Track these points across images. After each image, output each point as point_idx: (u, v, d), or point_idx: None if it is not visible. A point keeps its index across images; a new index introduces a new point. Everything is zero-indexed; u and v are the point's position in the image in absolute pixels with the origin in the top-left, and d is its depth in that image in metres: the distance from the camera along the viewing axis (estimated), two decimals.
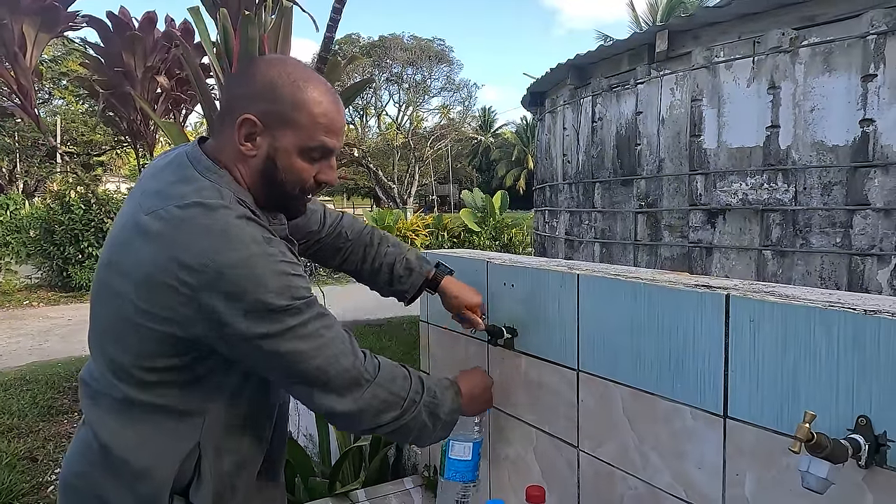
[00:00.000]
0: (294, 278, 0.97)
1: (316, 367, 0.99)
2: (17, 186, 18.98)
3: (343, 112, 1.09)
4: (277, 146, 1.01)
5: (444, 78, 30.83)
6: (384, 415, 1.07)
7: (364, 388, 1.04)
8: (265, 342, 0.95)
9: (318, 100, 1.01)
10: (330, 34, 2.57)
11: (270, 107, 0.99)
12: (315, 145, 1.02)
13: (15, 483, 3.23)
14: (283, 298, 0.94)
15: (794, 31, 3.13)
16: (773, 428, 0.99)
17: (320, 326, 1.00)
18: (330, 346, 1.01)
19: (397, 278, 1.44)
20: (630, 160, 4.18)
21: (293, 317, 0.96)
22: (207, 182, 0.98)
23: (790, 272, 3.11)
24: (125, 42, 3.97)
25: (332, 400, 1.02)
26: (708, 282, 1.17)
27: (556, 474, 1.44)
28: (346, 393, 1.02)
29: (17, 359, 6.22)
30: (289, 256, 1.00)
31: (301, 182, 1.04)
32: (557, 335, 1.41)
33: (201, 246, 0.91)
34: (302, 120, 1.00)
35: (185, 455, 1.00)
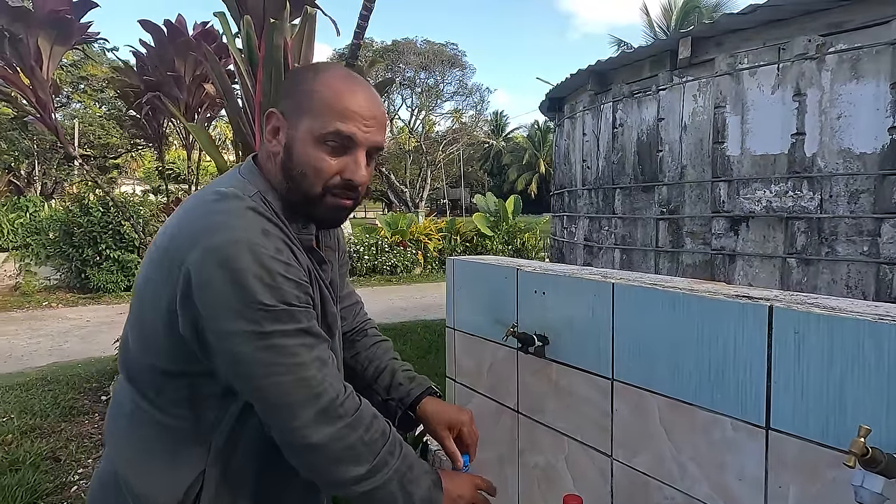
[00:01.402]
0: (284, 281, 0.88)
1: (284, 384, 0.87)
2: (36, 188, 19.26)
3: (369, 100, 0.97)
4: (293, 135, 0.95)
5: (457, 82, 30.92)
6: (350, 467, 0.90)
7: (334, 426, 0.88)
8: (234, 341, 0.86)
9: (331, 83, 0.95)
10: (357, 41, 2.59)
11: (290, 98, 0.97)
12: (329, 131, 0.93)
13: (39, 483, 3.27)
14: (264, 296, 0.86)
15: (821, 38, 3.10)
16: (818, 441, 0.98)
17: (300, 343, 0.89)
18: (306, 367, 0.89)
19: (396, 386, 1.27)
20: (651, 166, 4.16)
21: (271, 322, 0.86)
22: (240, 179, 0.98)
23: (815, 280, 3.08)
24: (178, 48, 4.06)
25: (293, 429, 0.88)
26: (749, 292, 1.16)
27: (588, 483, 1.44)
28: (312, 424, 0.87)
29: (38, 359, 6.30)
30: (286, 257, 0.91)
31: (320, 176, 0.94)
32: (591, 344, 1.41)
33: (197, 226, 0.90)
34: (315, 105, 0.94)
35: (188, 484, 0.94)
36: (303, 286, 0.92)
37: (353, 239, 13.91)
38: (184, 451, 0.95)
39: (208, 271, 0.86)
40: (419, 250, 14.37)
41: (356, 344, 1.33)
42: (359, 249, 13.29)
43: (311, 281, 0.98)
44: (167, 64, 4.16)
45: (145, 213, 10.37)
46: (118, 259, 10.46)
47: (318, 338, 0.93)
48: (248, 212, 0.90)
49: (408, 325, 7.65)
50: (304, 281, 0.93)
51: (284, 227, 0.95)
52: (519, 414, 1.66)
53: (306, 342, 0.90)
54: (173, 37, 4.12)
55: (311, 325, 0.92)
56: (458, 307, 1.91)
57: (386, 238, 14.08)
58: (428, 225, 15.52)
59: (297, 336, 0.89)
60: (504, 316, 1.66)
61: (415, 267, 14.11)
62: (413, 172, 29.31)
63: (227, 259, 0.85)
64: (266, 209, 0.93)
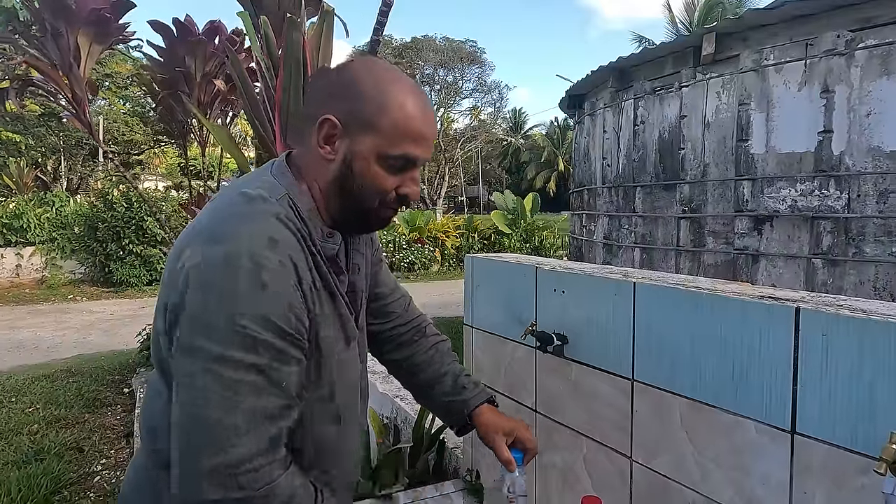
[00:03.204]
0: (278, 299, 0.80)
1: (197, 418, 0.76)
2: (62, 184, 19.65)
3: (433, 120, 0.95)
4: (356, 150, 0.90)
5: (476, 79, 30.87)
6: None
7: (227, 493, 0.75)
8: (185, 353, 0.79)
9: (404, 103, 0.90)
10: (377, 37, 2.59)
11: (352, 106, 0.90)
12: (397, 154, 0.89)
13: (63, 472, 3.34)
14: (241, 312, 0.77)
15: (850, 33, 3.03)
16: (845, 446, 0.96)
17: (247, 379, 0.77)
18: (235, 412, 0.76)
19: (459, 389, 1.23)
20: (673, 164, 4.10)
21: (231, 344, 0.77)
22: (270, 180, 0.93)
23: (841, 282, 3.02)
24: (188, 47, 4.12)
25: (187, 475, 0.77)
26: (775, 293, 1.14)
27: (606, 484, 1.42)
28: (205, 479, 0.75)
29: (63, 351, 6.44)
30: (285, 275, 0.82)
31: (379, 193, 0.91)
32: (611, 344, 1.39)
33: (209, 227, 0.86)
34: (385, 124, 0.89)
35: None
36: (296, 309, 0.83)
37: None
38: None
39: (201, 276, 0.80)
40: (437, 248, 14.39)
41: (414, 344, 1.28)
42: None
43: (318, 296, 0.90)
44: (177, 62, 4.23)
45: (167, 208, 10.53)
46: (141, 254, 10.64)
47: (274, 385, 0.80)
48: (265, 217, 0.85)
49: None
50: (299, 306, 0.84)
51: (305, 234, 0.89)
52: (537, 413, 1.65)
53: (256, 382, 0.78)
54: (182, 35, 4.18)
55: (273, 364, 0.79)
56: (477, 305, 1.90)
57: (404, 235, 14.12)
58: (446, 222, 15.53)
59: (248, 372, 0.77)
60: (522, 314, 1.65)
61: (432, 264, 14.14)
62: (431, 170, 29.33)
63: (221, 265, 0.79)
64: (291, 213, 0.88)
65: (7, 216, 11.07)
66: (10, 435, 3.94)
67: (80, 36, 3.99)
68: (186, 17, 4.29)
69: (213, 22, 4.40)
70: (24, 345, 6.80)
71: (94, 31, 4.04)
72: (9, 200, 12.58)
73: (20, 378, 5.29)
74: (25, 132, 16.24)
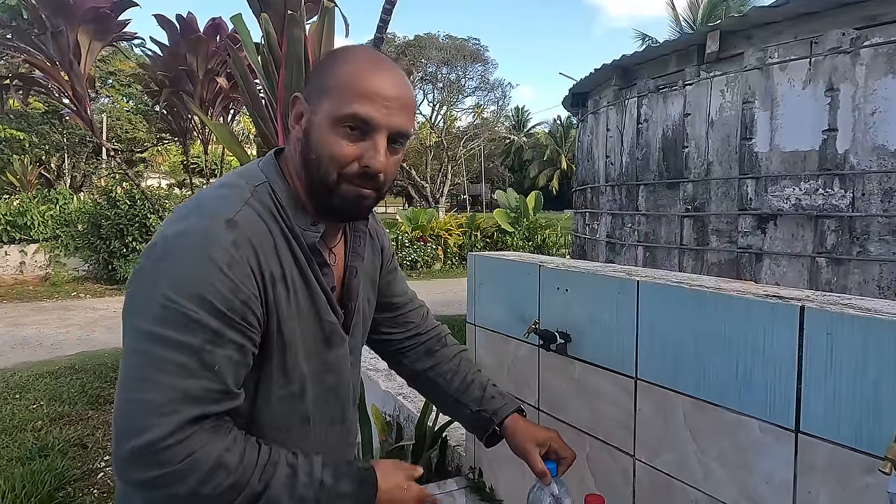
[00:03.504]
0: (222, 277, 0.77)
1: (123, 399, 0.75)
2: (65, 181, 19.70)
3: (394, 81, 0.87)
4: (313, 119, 0.87)
5: (479, 77, 30.81)
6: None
7: (150, 473, 0.74)
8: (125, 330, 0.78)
9: (353, 64, 0.86)
10: (380, 35, 2.59)
11: (314, 79, 0.90)
12: (347, 113, 0.83)
13: (67, 468, 3.35)
14: (178, 288, 0.75)
15: (856, 31, 3.02)
16: (850, 445, 0.95)
17: (175, 360, 0.75)
18: (154, 388, 0.74)
19: (489, 398, 1.21)
20: (676, 163, 4.09)
21: (161, 322, 0.75)
22: (254, 169, 0.92)
23: (845, 281, 3.01)
24: (190, 44, 4.12)
25: (114, 458, 0.76)
26: (779, 292, 1.13)
27: (609, 483, 1.42)
28: (127, 460, 0.74)
29: (67, 348, 6.46)
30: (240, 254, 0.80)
31: (335, 162, 0.85)
32: (614, 342, 1.39)
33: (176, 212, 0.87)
34: (334, 86, 0.85)
35: None
36: (242, 292, 0.79)
37: None
38: None
39: (151, 254, 0.80)
40: (439, 246, 14.39)
41: (436, 354, 1.25)
42: None
43: (287, 288, 0.87)
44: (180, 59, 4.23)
45: (170, 206, 10.55)
46: None
47: (206, 368, 0.76)
48: (231, 201, 0.84)
49: None
50: (248, 289, 0.80)
51: (282, 221, 0.87)
52: (539, 411, 1.65)
53: (184, 363, 0.75)
54: (185, 32, 4.19)
55: (205, 346, 0.76)
56: (479, 303, 1.90)
57: (406, 233, 14.13)
58: (448, 220, 15.53)
59: (176, 351, 0.75)
60: (526, 312, 1.65)
61: (435, 262, 14.14)
62: (434, 168, 29.32)
63: (173, 240, 0.79)
64: (268, 200, 0.87)
65: (11, 213, 11.10)
66: (15, 431, 3.96)
67: (80, 33, 4.00)
68: (189, 14, 4.29)
69: (214, 19, 4.41)
70: (28, 342, 6.82)
71: (94, 28, 4.04)
72: (13, 198, 12.62)
73: (24, 375, 5.31)
74: (29, 129, 16.29)
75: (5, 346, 6.61)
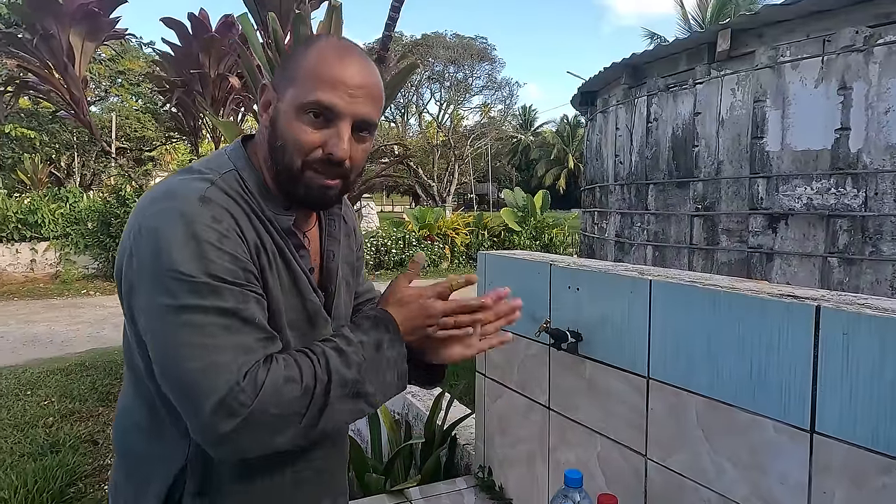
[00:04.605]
0: (213, 250, 0.80)
1: (189, 371, 0.79)
2: (75, 180, 19.84)
3: (359, 69, 0.89)
4: (280, 107, 0.89)
5: (486, 76, 30.79)
6: (278, 437, 0.82)
7: (238, 418, 0.78)
8: (151, 314, 0.81)
9: (318, 53, 0.88)
10: (388, 33, 2.59)
11: (282, 69, 0.93)
12: (310, 100, 0.85)
13: (78, 464, 3.38)
14: (184, 265, 0.79)
15: (869, 29, 2.99)
16: (866, 446, 0.95)
17: (219, 323, 0.80)
18: (216, 352, 0.79)
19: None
20: (686, 162, 4.07)
21: (188, 294, 0.79)
22: (221, 157, 0.94)
23: (857, 281, 2.98)
24: (202, 44, 4.11)
25: (200, 423, 0.79)
26: (794, 292, 1.13)
27: (621, 482, 1.42)
28: (215, 416, 0.78)
29: (77, 345, 6.51)
30: (225, 228, 0.83)
31: (299, 149, 0.86)
32: (626, 341, 1.39)
33: (145, 198, 0.88)
34: (299, 75, 0.87)
35: (171, 479, 0.90)
36: (240, 261, 0.83)
37: (381, 233, 13.99)
38: (165, 441, 0.90)
39: (137, 241, 0.82)
40: (446, 245, 14.39)
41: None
42: (386, 243, 13.36)
43: (271, 262, 0.90)
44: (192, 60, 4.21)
45: None
46: None
47: (248, 323, 0.82)
48: (198, 184, 0.85)
49: None
50: (243, 256, 0.84)
51: (251, 203, 0.89)
52: (550, 410, 1.65)
53: (225, 323, 0.80)
54: (197, 32, 4.16)
55: (239, 307, 0.81)
56: None
57: (413, 232, 14.13)
58: (455, 219, 15.52)
59: (216, 315, 0.80)
60: (536, 311, 1.65)
61: (442, 261, 14.14)
62: (441, 167, 29.32)
63: (154, 226, 0.81)
64: (235, 185, 0.88)
65: (22, 212, 11.19)
66: (27, 427, 3.99)
67: (72, 35, 3.99)
68: (201, 12, 4.26)
69: (227, 16, 4.37)
70: (39, 339, 6.88)
71: (85, 28, 4.03)
72: (24, 196, 12.73)
73: (35, 371, 5.36)
74: (39, 128, 16.41)
75: (17, 342, 6.67)
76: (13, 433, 3.90)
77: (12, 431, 3.93)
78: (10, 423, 4.06)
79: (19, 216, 11.12)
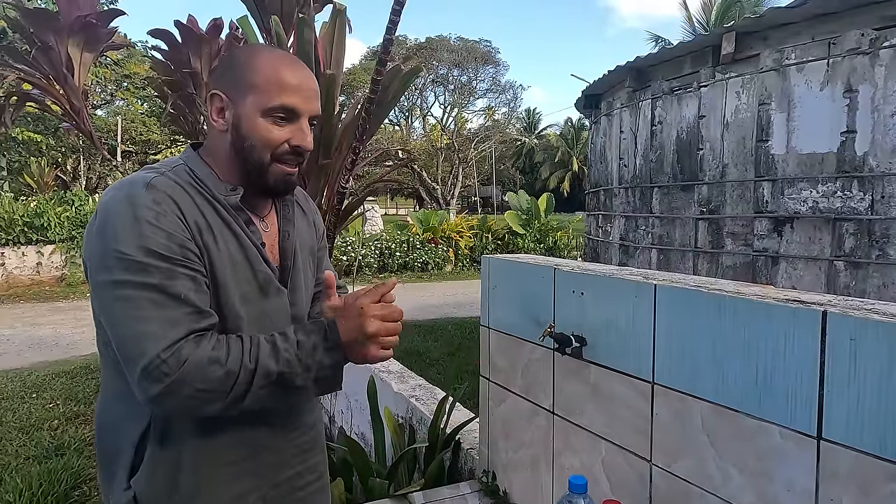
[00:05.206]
0: (152, 228, 0.91)
1: (126, 339, 0.90)
2: (81, 183, 19.94)
3: (306, 74, 1.06)
4: (241, 113, 1.02)
5: (490, 79, 30.83)
6: (205, 406, 0.91)
7: (161, 385, 0.88)
8: (99, 291, 0.93)
9: (274, 62, 1.03)
10: (389, 36, 2.59)
11: (232, 77, 1.03)
12: (276, 104, 1.00)
13: (82, 468, 3.39)
14: (122, 244, 0.90)
15: (875, 32, 2.98)
16: (874, 453, 0.94)
17: (146, 297, 0.90)
18: (143, 322, 0.89)
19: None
20: (691, 165, 4.06)
21: (122, 271, 0.89)
22: (175, 159, 1.07)
23: (864, 285, 2.96)
24: (193, 46, 4.13)
25: (134, 384, 0.91)
26: (800, 297, 1.12)
27: (626, 488, 1.41)
28: (143, 381, 0.88)
29: (82, 348, 6.53)
30: (164, 208, 0.93)
31: (269, 146, 1.01)
32: (631, 346, 1.38)
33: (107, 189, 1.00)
34: (260, 82, 1.01)
35: (138, 437, 1.00)
36: (176, 238, 0.93)
37: (385, 236, 14.00)
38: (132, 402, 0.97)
39: (90, 224, 0.95)
40: (450, 248, 14.39)
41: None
42: (390, 246, 13.36)
43: (216, 237, 1.00)
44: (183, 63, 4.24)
45: None
46: None
47: (174, 298, 0.91)
48: (145, 175, 0.97)
49: (438, 323, 7.67)
50: (180, 234, 0.94)
51: (199, 187, 1.01)
52: (554, 415, 1.64)
53: (151, 297, 0.90)
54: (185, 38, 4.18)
55: (165, 283, 0.91)
56: (494, 306, 1.89)
57: (417, 235, 14.14)
58: (459, 222, 15.52)
59: (144, 290, 0.90)
60: (540, 315, 1.64)
61: (446, 264, 14.13)
62: (445, 170, 29.35)
63: (104, 210, 0.94)
64: (184, 175, 1.01)
65: (28, 215, 11.25)
66: (32, 430, 4.00)
67: (71, 46, 4.03)
68: (189, 18, 4.28)
69: (215, 20, 4.39)
70: (45, 341, 6.91)
71: (84, 39, 4.07)
72: (30, 199, 12.79)
73: (41, 374, 5.37)
74: (46, 132, 16.51)
75: (22, 345, 6.70)
76: (18, 436, 3.91)
77: (17, 434, 3.94)
78: (16, 426, 4.08)
79: (26, 219, 11.18)
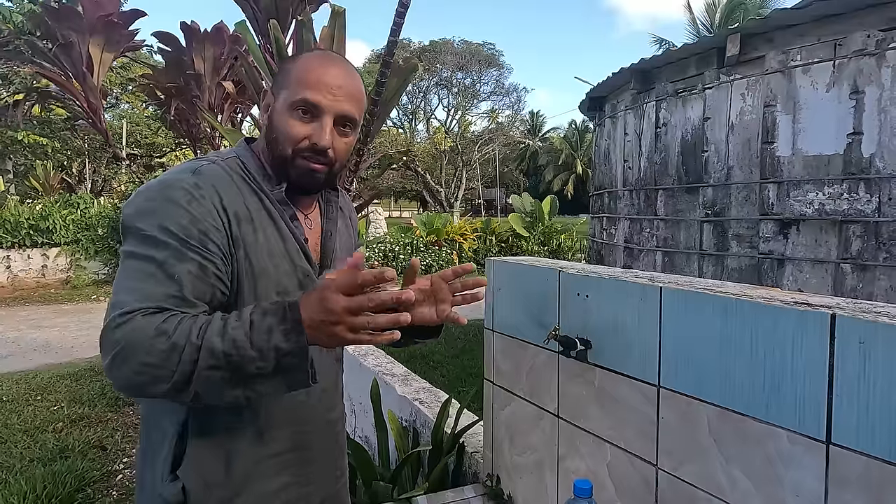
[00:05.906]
0: (178, 209, 0.92)
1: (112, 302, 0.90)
2: (86, 186, 20.03)
3: (339, 73, 1.05)
4: (275, 107, 1.06)
5: (494, 82, 30.86)
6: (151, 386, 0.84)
7: (109, 355, 0.84)
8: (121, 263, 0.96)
9: (306, 61, 1.06)
10: (393, 38, 2.60)
11: (278, 78, 1.09)
12: (297, 99, 1.02)
13: (87, 470, 3.39)
14: (146, 222, 0.92)
15: (881, 33, 2.96)
16: (885, 458, 0.92)
17: (144, 269, 0.90)
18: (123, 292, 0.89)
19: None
20: (696, 167, 4.04)
21: (131, 241, 0.92)
22: (231, 150, 1.11)
23: (871, 287, 2.94)
24: (197, 49, 4.16)
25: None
26: (808, 299, 1.11)
27: (631, 492, 1.40)
28: (102, 353, 0.86)
29: (87, 350, 6.54)
30: (201, 194, 0.95)
31: (290, 140, 1.03)
32: (636, 349, 1.37)
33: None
34: (290, 79, 1.04)
35: (177, 430, 1.01)
36: (200, 223, 0.93)
37: (389, 238, 14.00)
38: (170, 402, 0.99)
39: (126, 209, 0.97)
40: (454, 250, 14.38)
41: None
42: (394, 248, 13.36)
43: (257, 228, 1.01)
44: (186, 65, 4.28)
45: None
46: None
47: (169, 278, 0.89)
48: (198, 162, 1.01)
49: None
50: (208, 222, 0.94)
51: (248, 178, 1.05)
52: (559, 419, 1.63)
53: (152, 272, 0.89)
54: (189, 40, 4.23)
55: (168, 261, 0.90)
56: (498, 308, 1.88)
57: (421, 237, 14.14)
58: (463, 225, 15.52)
59: (146, 262, 0.90)
60: (545, 318, 1.63)
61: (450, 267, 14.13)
62: (448, 172, 29.36)
63: (145, 190, 0.97)
64: (235, 166, 1.05)
65: (34, 218, 11.30)
66: (36, 433, 4.01)
67: (92, 45, 4.07)
68: (193, 22, 4.33)
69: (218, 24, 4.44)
70: (50, 344, 6.92)
71: (105, 38, 4.11)
72: (35, 202, 12.86)
73: (46, 377, 5.39)
74: (51, 135, 16.59)
75: (27, 348, 6.72)
76: (23, 438, 3.91)
77: (22, 436, 3.95)
78: (20, 428, 4.08)
79: (31, 222, 11.23)
